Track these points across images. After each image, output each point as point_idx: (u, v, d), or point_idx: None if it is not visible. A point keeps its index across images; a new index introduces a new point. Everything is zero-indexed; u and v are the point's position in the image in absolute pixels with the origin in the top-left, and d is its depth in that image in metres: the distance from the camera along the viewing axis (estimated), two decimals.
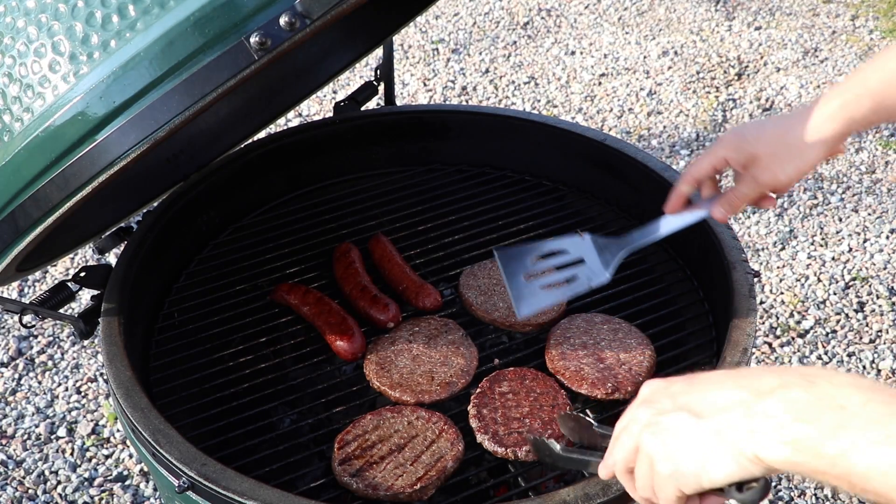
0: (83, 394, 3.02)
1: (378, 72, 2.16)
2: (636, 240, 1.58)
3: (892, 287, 3.44)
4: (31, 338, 3.23)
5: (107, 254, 2.33)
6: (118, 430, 2.88)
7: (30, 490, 2.68)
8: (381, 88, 2.20)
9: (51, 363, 3.13)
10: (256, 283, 1.91)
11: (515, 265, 1.60)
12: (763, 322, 3.27)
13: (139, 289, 1.70)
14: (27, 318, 1.52)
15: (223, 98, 1.08)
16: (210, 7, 1.05)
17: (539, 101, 4.67)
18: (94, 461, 2.78)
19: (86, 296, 1.85)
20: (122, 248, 1.75)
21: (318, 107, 4.59)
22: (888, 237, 3.70)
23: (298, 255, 1.97)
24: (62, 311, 1.60)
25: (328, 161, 2.17)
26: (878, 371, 3.07)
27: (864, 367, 3.07)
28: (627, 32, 5.33)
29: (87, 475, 2.73)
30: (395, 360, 1.65)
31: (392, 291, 1.84)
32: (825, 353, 3.12)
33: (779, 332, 3.21)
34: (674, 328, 1.74)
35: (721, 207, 1.48)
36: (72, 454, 2.80)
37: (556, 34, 5.33)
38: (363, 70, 4.82)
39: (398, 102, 3.26)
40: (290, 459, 1.50)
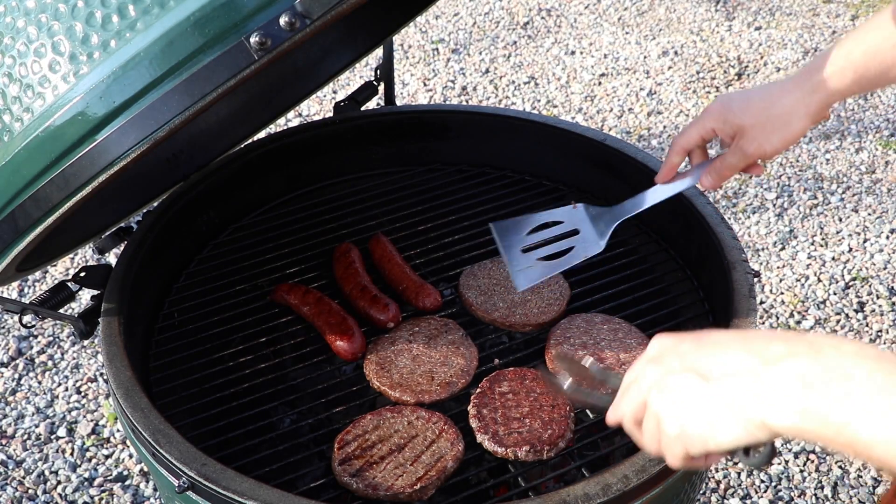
0: (83, 394, 3.02)
1: (378, 72, 2.16)
2: (629, 209, 1.60)
3: (892, 287, 3.44)
4: (31, 338, 3.23)
5: (107, 254, 2.33)
6: (118, 430, 2.88)
7: (30, 490, 2.68)
8: (381, 88, 2.20)
9: (51, 363, 3.13)
10: (256, 283, 1.91)
11: (512, 238, 1.62)
12: (763, 322, 3.27)
13: (139, 289, 1.70)
14: (27, 318, 1.52)
15: (223, 98, 1.08)
16: (210, 7, 1.05)
17: (539, 101, 4.67)
18: (94, 461, 2.78)
19: (86, 296, 1.85)
20: (122, 248, 1.75)
21: (318, 107, 4.59)
22: (888, 237, 3.70)
23: (298, 255, 1.97)
24: (62, 311, 1.60)
25: (328, 161, 2.17)
26: None
27: None
28: (627, 32, 5.33)
29: (87, 475, 2.73)
30: (395, 360, 1.65)
31: (392, 291, 1.84)
32: None
33: None
34: (674, 328, 1.74)
35: (709, 176, 1.52)
36: (72, 454, 2.80)
37: (556, 34, 5.33)
38: (363, 70, 4.82)
39: (398, 102, 3.26)
40: (290, 459, 1.50)
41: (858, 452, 0.80)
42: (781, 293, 3.41)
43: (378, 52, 2.06)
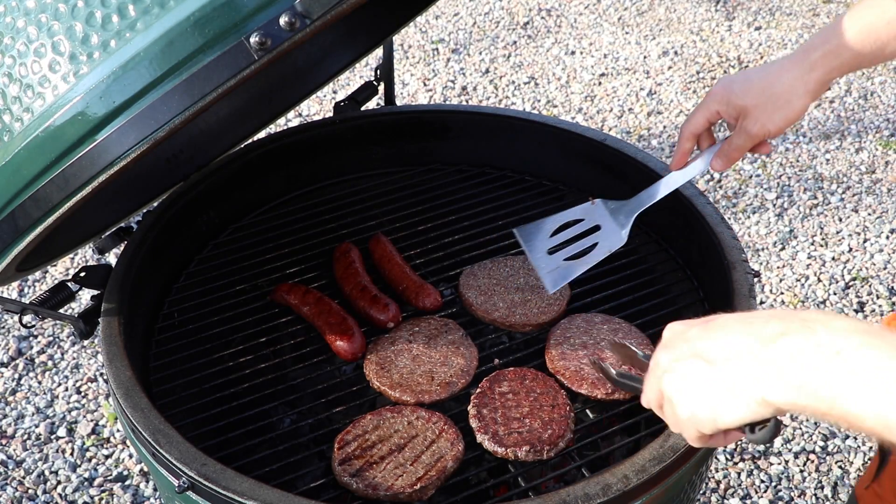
0: (83, 394, 3.02)
1: (378, 72, 2.16)
2: (646, 200, 1.65)
3: (892, 287, 3.44)
4: (31, 338, 3.23)
5: (107, 254, 2.33)
6: (118, 430, 2.88)
7: (30, 490, 2.68)
8: (381, 88, 2.20)
9: (51, 363, 3.13)
10: (256, 283, 1.91)
11: (536, 241, 1.66)
12: None
13: (139, 289, 1.70)
14: (27, 318, 1.52)
15: (223, 98, 1.08)
16: (210, 7, 1.05)
17: (539, 101, 4.67)
18: (94, 461, 2.78)
19: (86, 296, 1.85)
20: (122, 248, 1.75)
21: (318, 107, 4.59)
22: (888, 237, 3.70)
23: (298, 255, 1.96)
24: (62, 311, 1.60)
25: (328, 161, 2.17)
26: None
27: None
28: (627, 32, 5.33)
29: (87, 475, 2.73)
30: (395, 360, 1.65)
31: (392, 291, 1.84)
32: None
33: None
34: None
35: (719, 159, 1.58)
36: (72, 454, 2.80)
37: (556, 34, 5.33)
38: (363, 70, 4.82)
39: (398, 102, 3.26)
40: (290, 459, 1.50)
41: (852, 425, 0.83)
42: (781, 293, 3.41)
43: (378, 52, 2.06)
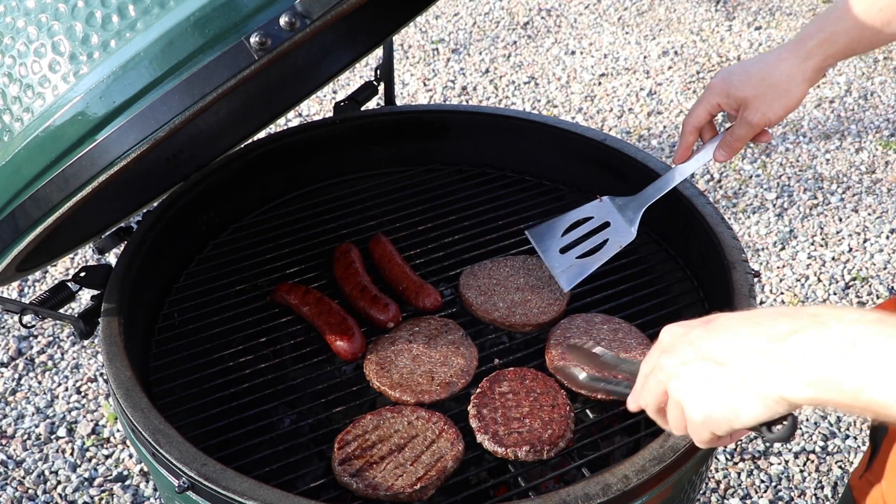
0: (83, 394, 3.02)
1: (378, 72, 2.16)
2: (653, 194, 1.68)
3: (892, 287, 3.44)
4: (31, 338, 3.23)
5: (107, 254, 2.33)
6: (118, 430, 2.88)
7: (30, 490, 2.68)
8: (381, 88, 2.20)
9: (51, 363, 3.13)
10: (256, 283, 1.91)
11: (548, 241, 1.69)
12: None
13: (139, 289, 1.70)
14: (27, 318, 1.52)
15: (223, 98, 1.08)
16: (210, 7, 1.05)
17: (539, 101, 4.67)
18: (94, 461, 2.78)
19: (86, 296, 1.85)
20: (122, 248, 1.75)
21: (318, 107, 4.59)
22: (888, 237, 3.70)
23: (298, 255, 1.96)
24: (62, 311, 1.60)
25: (328, 161, 2.17)
26: None
27: None
28: (627, 32, 5.33)
29: (87, 475, 2.73)
30: (395, 360, 1.65)
31: (392, 291, 1.84)
32: None
33: None
34: None
35: (722, 150, 1.61)
36: (72, 454, 2.80)
37: (556, 34, 5.33)
38: (363, 70, 4.82)
39: (398, 102, 3.26)
40: (290, 459, 1.50)
41: (878, 414, 0.83)
42: (781, 293, 3.41)
43: (378, 52, 2.06)
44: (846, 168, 4.13)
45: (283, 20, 1.04)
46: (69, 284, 1.62)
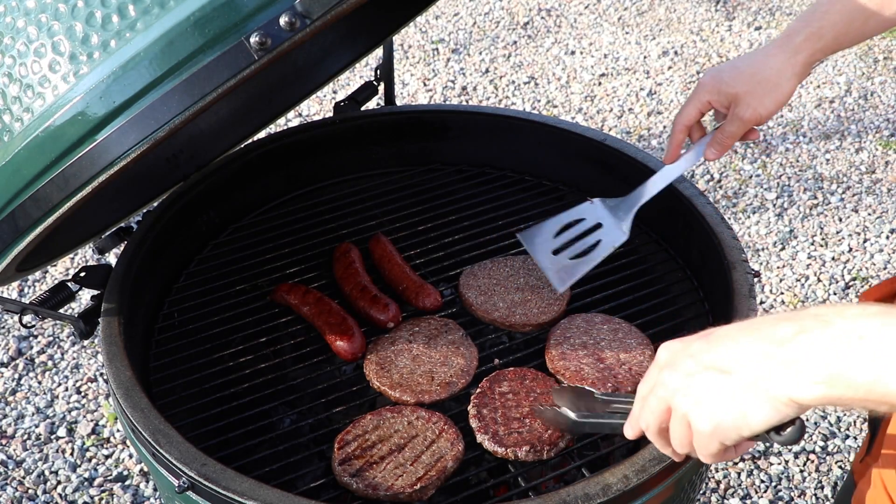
0: (83, 394, 3.02)
1: (378, 72, 2.16)
2: (643, 195, 1.68)
3: None
4: (31, 338, 3.23)
5: (107, 254, 2.33)
6: (118, 430, 2.88)
7: (30, 490, 2.68)
8: (381, 88, 2.20)
9: (51, 363, 3.13)
10: (256, 283, 1.91)
11: (540, 243, 1.69)
12: None
13: (139, 289, 1.70)
14: (27, 318, 1.52)
15: (223, 98, 1.08)
16: (210, 7, 1.05)
17: (539, 101, 4.67)
18: (94, 461, 2.78)
19: (86, 296, 1.85)
20: (122, 248, 1.75)
21: (318, 107, 4.59)
22: (888, 237, 3.70)
23: (298, 255, 1.96)
24: (62, 311, 1.60)
25: (328, 161, 2.17)
26: None
27: None
28: (627, 32, 5.33)
29: (87, 475, 2.73)
30: (395, 360, 1.65)
31: (392, 291, 1.84)
32: None
33: None
34: (674, 328, 1.74)
35: (713, 148, 1.61)
36: (72, 454, 2.80)
37: (556, 34, 5.33)
38: (363, 70, 4.82)
39: (398, 102, 3.26)
40: (290, 459, 1.50)
41: (894, 405, 0.83)
42: (781, 293, 3.42)
43: (378, 52, 2.06)
44: (846, 168, 4.13)
45: (283, 20, 1.04)
46: (69, 284, 1.62)
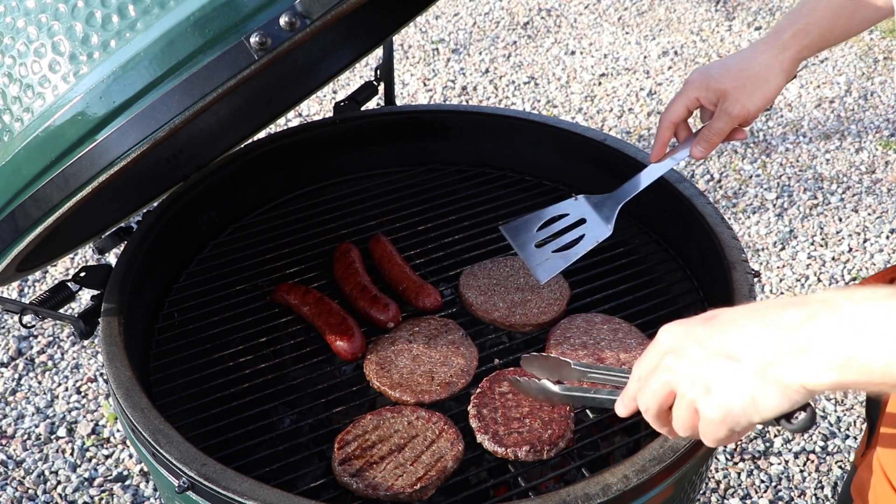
0: (83, 394, 3.02)
1: (378, 72, 2.16)
2: (628, 192, 1.68)
3: None
4: (31, 338, 3.23)
5: (107, 254, 2.34)
6: (118, 430, 2.88)
7: (30, 490, 2.68)
8: (381, 88, 2.20)
9: (51, 363, 3.13)
10: (256, 283, 1.91)
11: (523, 236, 1.69)
12: None
13: (139, 289, 1.70)
14: (27, 318, 1.52)
15: (223, 98, 1.08)
16: (210, 7, 1.05)
17: (539, 101, 4.67)
18: (94, 461, 2.78)
19: (86, 296, 1.85)
20: (122, 248, 1.75)
21: (318, 107, 4.59)
22: (888, 237, 3.70)
23: (298, 255, 1.96)
24: (62, 311, 1.60)
25: (328, 161, 2.17)
26: None
27: None
28: (627, 32, 5.33)
29: (87, 475, 2.73)
30: (395, 360, 1.65)
31: (392, 291, 1.84)
32: None
33: None
34: None
35: (700, 146, 1.61)
36: (72, 454, 2.80)
37: (556, 34, 5.33)
38: (363, 70, 4.82)
39: (398, 102, 3.26)
40: (290, 459, 1.50)
41: None
42: (781, 293, 3.42)
43: (378, 52, 2.06)
44: (846, 168, 4.13)
45: (283, 20, 1.04)
46: (69, 284, 1.62)
